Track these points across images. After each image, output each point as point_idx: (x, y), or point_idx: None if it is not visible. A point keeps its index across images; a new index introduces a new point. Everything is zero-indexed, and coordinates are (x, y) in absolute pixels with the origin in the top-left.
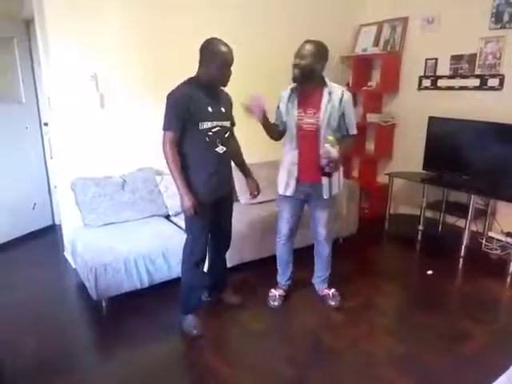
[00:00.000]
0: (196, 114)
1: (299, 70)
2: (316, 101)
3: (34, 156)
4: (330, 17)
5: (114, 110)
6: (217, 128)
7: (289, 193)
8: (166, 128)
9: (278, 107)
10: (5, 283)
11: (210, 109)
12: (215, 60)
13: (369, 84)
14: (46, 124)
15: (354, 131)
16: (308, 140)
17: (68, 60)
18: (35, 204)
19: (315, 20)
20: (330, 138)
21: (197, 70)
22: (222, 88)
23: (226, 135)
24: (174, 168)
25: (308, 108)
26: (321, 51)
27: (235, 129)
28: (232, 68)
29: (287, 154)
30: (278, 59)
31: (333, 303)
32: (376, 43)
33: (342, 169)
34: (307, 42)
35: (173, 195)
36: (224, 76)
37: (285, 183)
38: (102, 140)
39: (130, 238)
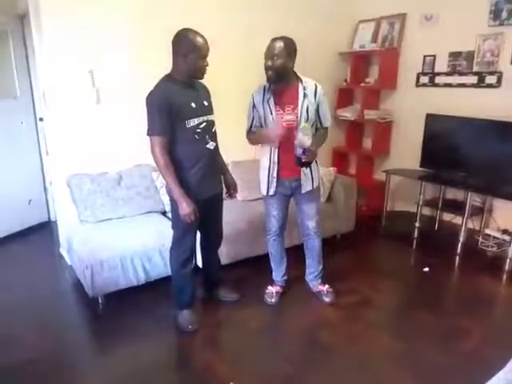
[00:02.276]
0: (180, 112)
1: (273, 72)
2: (292, 97)
3: (30, 151)
4: (328, 13)
5: (111, 106)
6: (204, 124)
7: (271, 192)
8: (152, 133)
9: (255, 109)
10: (0, 280)
11: (193, 104)
12: (193, 51)
13: (367, 80)
14: (41, 119)
15: (327, 123)
16: (288, 136)
17: (63, 55)
18: (31, 200)
19: (313, 16)
20: (304, 124)
21: (172, 65)
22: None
23: (213, 129)
24: (168, 173)
25: (286, 105)
26: (289, 47)
27: (220, 126)
28: (228, 63)
29: (267, 154)
30: None
31: (327, 299)
32: (374, 39)
33: (317, 161)
34: (275, 40)
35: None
36: (203, 67)
37: (266, 184)
38: (98, 136)
39: (127, 235)
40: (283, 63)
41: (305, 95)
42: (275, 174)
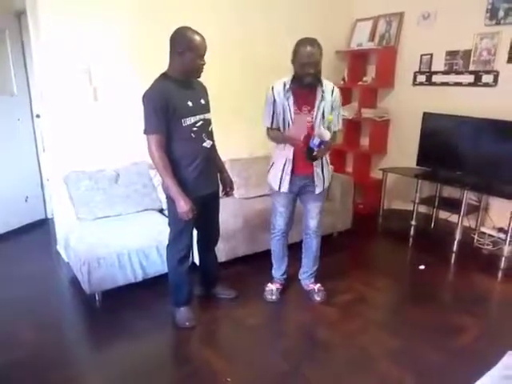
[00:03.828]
0: (176, 110)
1: (313, 78)
2: (311, 98)
3: (27, 148)
4: (326, 11)
5: (108, 103)
6: (200, 122)
7: (283, 189)
8: (148, 132)
9: (275, 104)
10: None
11: (189, 103)
12: (190, 49)
13: (364, 79)
14: (38, 116)
15: (334, 128)
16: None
17: (61, 52)
18: (27, 197)
19: (311, 14)
20: (330, 117)
21: (168, 63)
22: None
23: (210, 128)
24: (165, 172)
25: (303, 105)
26: (321, 50)
27: (218, 124)
28: (226, 62)
29: (282, 151)
30: (276, 54)
31: (318, 298)
32: (371, 38)
33: (329, 161)
34: (306, 44)
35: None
36: (200, 66)
37: (279, 180)
38: (95, 133)
39: (124, 232)
40: (320, 69)
41: (322, 97)
42: (289, 171)
